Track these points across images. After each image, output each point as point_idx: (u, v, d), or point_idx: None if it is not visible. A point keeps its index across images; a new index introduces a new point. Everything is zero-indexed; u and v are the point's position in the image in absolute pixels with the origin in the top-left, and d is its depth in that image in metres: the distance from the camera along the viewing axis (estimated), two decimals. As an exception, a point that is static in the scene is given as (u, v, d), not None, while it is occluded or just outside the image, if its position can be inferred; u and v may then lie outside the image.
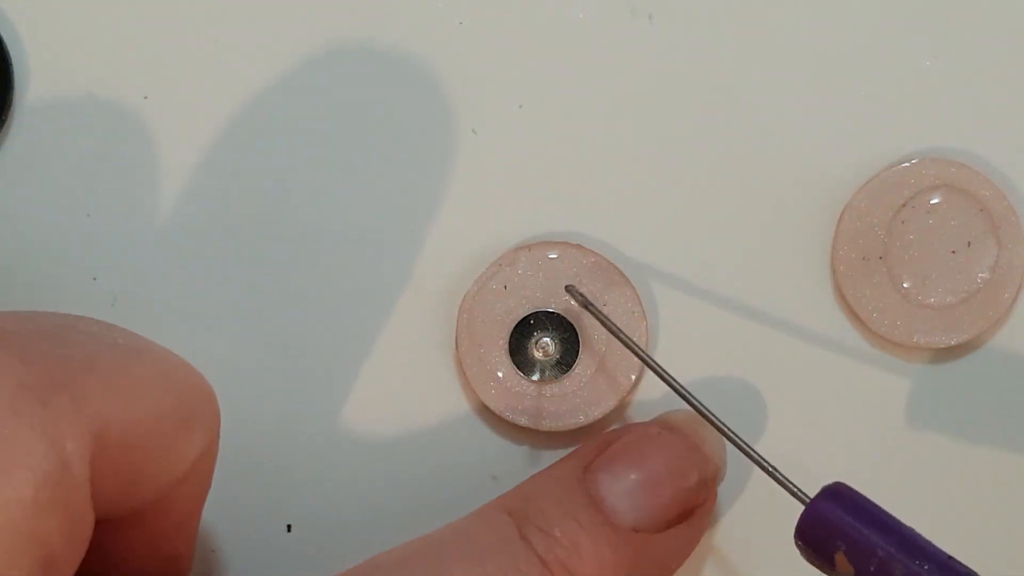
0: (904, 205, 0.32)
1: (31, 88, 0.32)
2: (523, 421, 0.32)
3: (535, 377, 0.32)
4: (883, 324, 0.32)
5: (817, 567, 0.27)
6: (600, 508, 0.29)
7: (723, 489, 0.31)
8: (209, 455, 0.27)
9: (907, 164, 0.32)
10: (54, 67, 0.32)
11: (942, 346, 0.32)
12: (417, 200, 0.33)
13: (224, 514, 0.33)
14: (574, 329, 0.32)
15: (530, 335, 0.32)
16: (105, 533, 0.26)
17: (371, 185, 0.33)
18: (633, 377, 0.32)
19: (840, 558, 0.26)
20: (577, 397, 0.32)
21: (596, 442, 0.31)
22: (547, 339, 0.32)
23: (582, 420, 0.32)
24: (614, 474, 0.29)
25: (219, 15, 0.32)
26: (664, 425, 0.31)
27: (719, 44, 0.32)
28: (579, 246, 0.32)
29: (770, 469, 0.28)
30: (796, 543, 0.27)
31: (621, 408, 0.32)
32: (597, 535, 0.29)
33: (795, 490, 0.28)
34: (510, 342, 0.32)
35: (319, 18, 0.32)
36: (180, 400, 0.26)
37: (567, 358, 0.32)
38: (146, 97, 0.32)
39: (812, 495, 0.27)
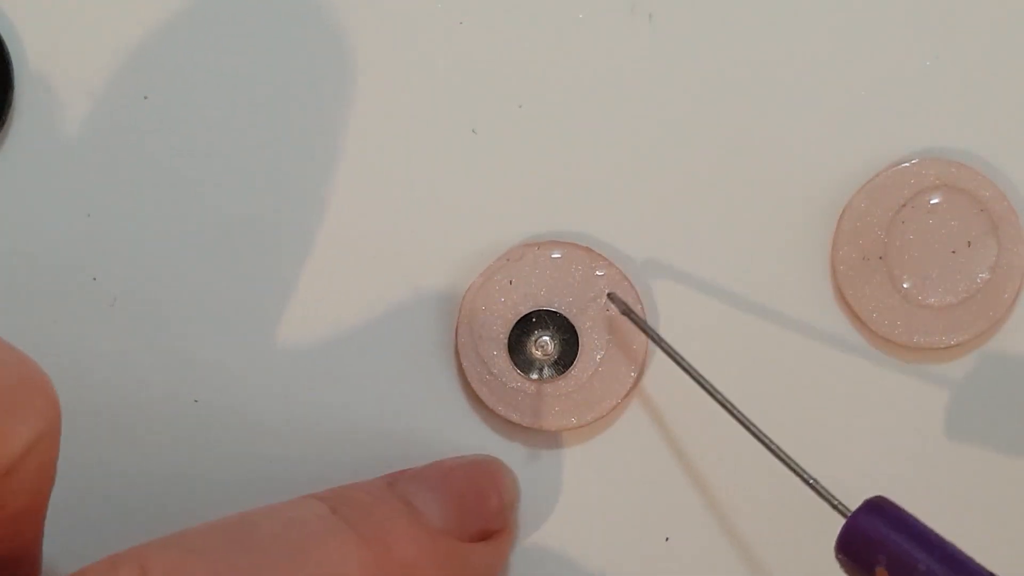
0: (904, 205, 0.32)
1: (31, 88, 0.32)
2: (517, 418, 0.32)
3: (533, 376, 0.32)
4: (883, 324, 0.32)
5: None
6: (410, 506, 0.29)
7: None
8: (44, 449, 0.26)
9: (907, 164, 0.32)
10: (54, 67, 0.32)
11: (942, 346, 0.32)
12: (417, 200, 0.33)
13: (224, 514, 0.33)
14: (574, 330, 0.32)
15: (531, 333, 0.32)
16: None
17: (371, 185, 0.32)
18: (633, 376, 0.32)
19: (881, 573, 0.26)
20: (571, 400, 0.32)
21: (397, 472, 0.31)
22: (547, 338, 0.32)
23: (574, 422, 0.32)
24: (420, 483, 0.30)
25: (219, 15, 0.32)
26: (461, 458, 0.32)
27: (719, 44, 0.32)
28: (588, 249, 0.32)
29: (811, 482, 0.28)
30: (837, 556, 0.27)
31: (617, 411, 0.32)
32: (409, 520, 0.29)
33: (836, 503, 0.28)
34: (510, 339, 0.32)
35: (319, 19, 0.32)
36: (1, 385, 0.25)
37: (565, 358, 0.32)
38: (146, 97, 0.33)
39: (852, 508, 0.27)
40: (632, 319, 0.31)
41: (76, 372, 0.32)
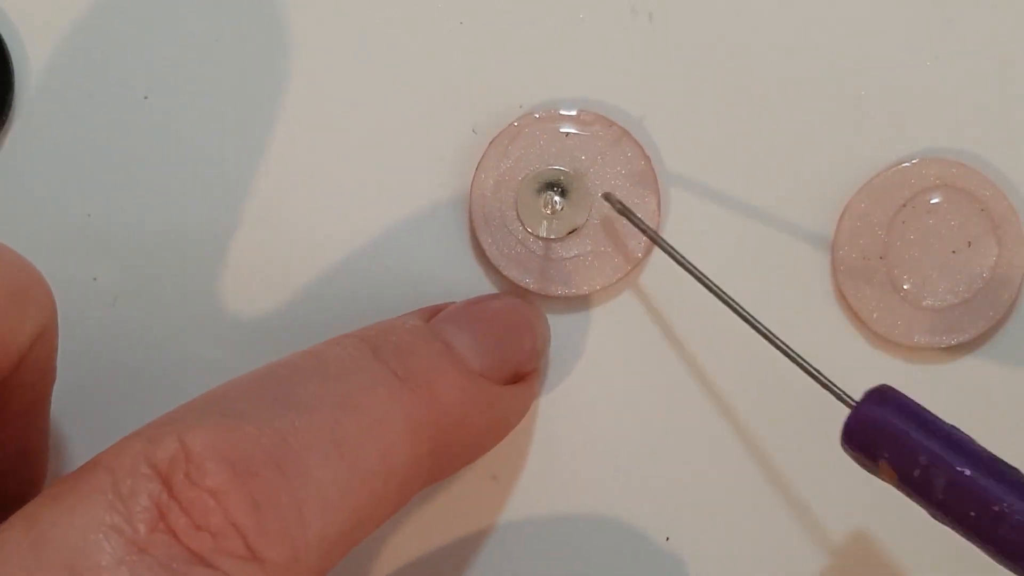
0: (904, 205, 0.32)
1: (31, 88, 0.32)
2: (527, 282, 0.32)
3: (542, 233, 0.32)
4: (883, 324, 0.32)
5: (866, 470, 0.27)
6: (451, 348, 0.29)
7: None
8: (46, 341, 0.27)
9: (907, 164, 0.32)
10: (54, 67, 0.32)
11: (942, 346, 0.32)
12: (417, 201, 0.33)
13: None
14: (585, 192, 0.32)
15: (540, 191, 0.32)
16: None
17: (370, 186, 0.33)
18: (640, 254, 0.32)
19: (884, 464, 0.26)
20: (575, 264, 0.32)
21: (435, 305, 0.31)
22: (556, 196, 0.32)
23: (584, 289, 0.32)
24: (458, 325, 0.29)
25: (219, 15, 0.32)
26: (498, 297, 0.32)
27: (719, 44, 0.32)
28: (609, 120, 0.32)
29: (813, 372, 0.28)
30: (843, 447, 0.27)
31: (627, 280, 0.32)
32: (452, 365, 0.28)
33: (840, 393, 0.27)
34: (519, 197, 0.32)
35: (319, 18, 0.32)
36: (6, 277, 0.25)
37: (574, 219, 0.32)
38: (146, 97, 0.33)
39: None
40: (628, 217, 0.31)
41: (76, 372, 0.32)
